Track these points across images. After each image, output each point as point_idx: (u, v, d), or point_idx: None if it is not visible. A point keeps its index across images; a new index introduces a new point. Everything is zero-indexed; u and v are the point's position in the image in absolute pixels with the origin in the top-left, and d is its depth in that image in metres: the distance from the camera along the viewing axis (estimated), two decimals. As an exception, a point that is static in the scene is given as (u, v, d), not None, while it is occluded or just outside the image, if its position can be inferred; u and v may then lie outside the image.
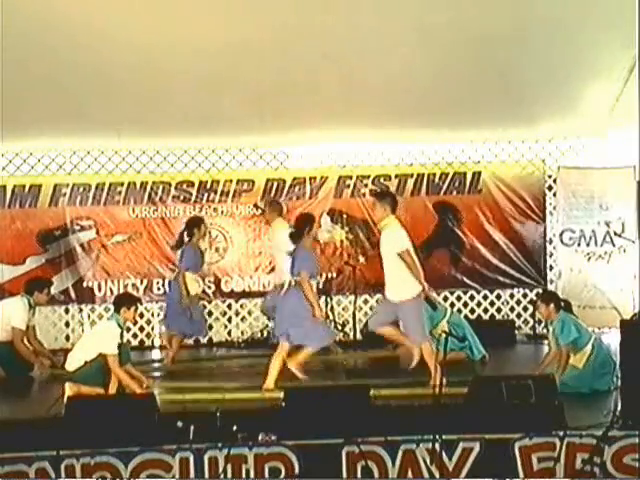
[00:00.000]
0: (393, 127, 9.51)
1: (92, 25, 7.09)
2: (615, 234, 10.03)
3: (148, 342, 10.17)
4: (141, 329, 10.14)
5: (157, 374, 8.37)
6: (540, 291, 10.29)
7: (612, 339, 9.07)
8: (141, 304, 7.91)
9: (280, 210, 9.01)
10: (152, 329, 10.22)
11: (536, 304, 7.75)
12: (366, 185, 10.30)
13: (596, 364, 7.09)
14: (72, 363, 6.89)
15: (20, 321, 8.27)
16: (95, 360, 6.79)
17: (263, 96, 8.43)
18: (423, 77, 8.30)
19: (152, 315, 10.22)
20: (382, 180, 10.31)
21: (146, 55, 7.58)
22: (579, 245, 10.19)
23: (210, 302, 10.25)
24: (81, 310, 10.15)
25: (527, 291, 10.43)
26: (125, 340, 7.27)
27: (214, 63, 7.80)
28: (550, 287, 10.33)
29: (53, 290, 9.12)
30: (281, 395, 5.86)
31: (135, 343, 9.94)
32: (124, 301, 7.15)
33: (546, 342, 9.70)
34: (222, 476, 5.32)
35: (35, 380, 8.15)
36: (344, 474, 5.38)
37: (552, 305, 7.31)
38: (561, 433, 5.44)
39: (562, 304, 7.41)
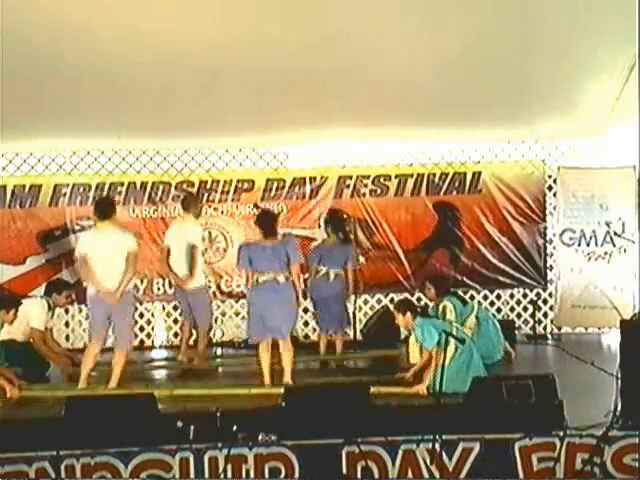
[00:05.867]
0: (393, 127, 9.50)
1: (92, 25, 7.08)
2: (615, 234, 10.02)
3: (148, 342, 10.18)
4: (141, 329, 10.13)
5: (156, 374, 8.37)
6: (541, 291, 10.39)
7: (612, 339, 9.10)
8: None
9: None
10: (152, 329, 10.24)
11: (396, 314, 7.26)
12: (366, 185, 10.30)
13: (464, 358, 6.83)
14: None
15: (39, 322, 8.10)
16: None
17: (263, 96, 8.43)
18: (423, 77, 8.30)
19: (152, 315, 10.23)
20: (382, 180, 10.31)
21: (146, 55, 7.58)
22: (579, 245, 10.19)
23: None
24: (81, 310, 10.12)
25: (527, 291, 10.42)
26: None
27: (214, 63, 7.79)
28: (550, 287, 10.35)
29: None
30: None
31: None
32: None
33: (547, 342, 9.80)
34: (222, 476, 5.32)
35: (50, 381, 8.00)
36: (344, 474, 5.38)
37: (408, 313, 7.08)
38: (561, 433, 5.43)
39: (418, 310, 7.21)
